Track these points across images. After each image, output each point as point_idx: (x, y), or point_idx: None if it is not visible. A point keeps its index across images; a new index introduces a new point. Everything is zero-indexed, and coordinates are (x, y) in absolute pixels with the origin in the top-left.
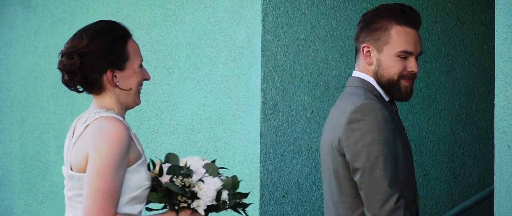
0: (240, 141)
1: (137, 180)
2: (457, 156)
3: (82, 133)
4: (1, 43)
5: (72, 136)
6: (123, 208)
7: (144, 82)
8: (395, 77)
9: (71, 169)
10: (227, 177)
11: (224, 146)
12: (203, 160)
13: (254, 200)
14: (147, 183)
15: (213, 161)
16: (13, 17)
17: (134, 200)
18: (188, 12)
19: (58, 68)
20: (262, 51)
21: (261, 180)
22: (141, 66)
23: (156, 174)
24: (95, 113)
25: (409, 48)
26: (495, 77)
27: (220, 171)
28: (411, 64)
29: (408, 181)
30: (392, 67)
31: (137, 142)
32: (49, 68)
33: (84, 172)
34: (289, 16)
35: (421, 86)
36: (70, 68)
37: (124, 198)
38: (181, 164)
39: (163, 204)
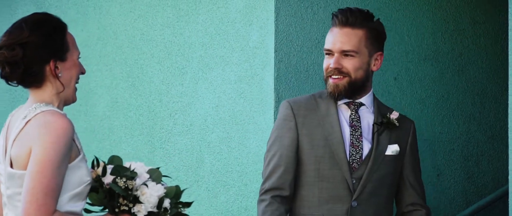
0: (254, 141)
1: (79, 176)
2: (471, 155)
3: (22, 129)
4: None
5: (7, 132)
6: (66, 206)
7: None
8: (324, 74)
9: (11, 167)
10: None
11: (238, 146)
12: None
13: None
14: (88, 179)
15: (157, 168)
16: None
17: (77, 197)
18: (201, 12)
19: None
20: (275, 51)
21: None
22: (78, 58)
23: (99, 174)
24: (35, 108)
25: (327, 46)
26: (509, 76)
27: (163, 180)
28: (329, 61)
29: (324, 178)
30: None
31: (76, 138)
32: None
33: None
34: (302, 16)
35: (434, 86)
36: (12, 60)
37: (67, 195)
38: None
39: (101, 207)
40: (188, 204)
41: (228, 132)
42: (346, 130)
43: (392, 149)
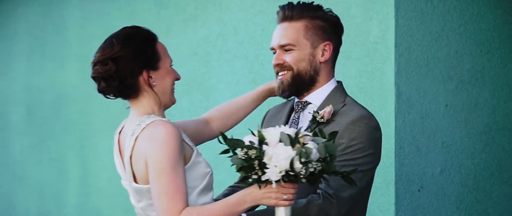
0: None
1: (199, 171)
2: None
3: (134, 146)
4: None
5: (120, 151)
6: (198, 202)
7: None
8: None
9: (136, 182)
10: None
11: None
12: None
13: (389, 194)
14: (209, 170)
15: (298, 130)
16: (145, 15)
17: (204, 190)
18: None
19: (93, 77)
20: (396, 45)
21: (396, 174)
22: (171, 66)
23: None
24: (139, 124)
25: (271, 44)
26: None
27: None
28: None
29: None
30: None
31: (184, 137)
32: (182, 65)
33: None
34: (422, 10)
35: None
36: (106, 74)
37: (195, 192)
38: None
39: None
40: (352, 181)
41: None
42: None
43: None
